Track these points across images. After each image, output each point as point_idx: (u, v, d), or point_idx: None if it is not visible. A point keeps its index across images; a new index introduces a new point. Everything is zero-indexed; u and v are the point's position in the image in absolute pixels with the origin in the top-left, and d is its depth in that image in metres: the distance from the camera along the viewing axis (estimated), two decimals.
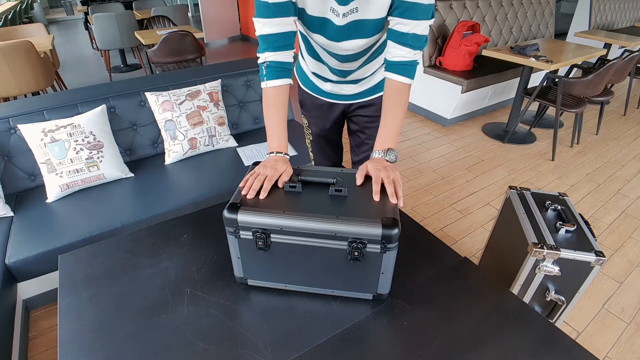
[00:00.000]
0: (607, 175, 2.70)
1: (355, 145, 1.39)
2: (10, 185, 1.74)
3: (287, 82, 0.98)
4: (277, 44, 0.94)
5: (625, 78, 3.02)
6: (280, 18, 0.91)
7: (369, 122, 1.30)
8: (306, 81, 1.29)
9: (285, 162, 0.91)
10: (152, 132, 2.02)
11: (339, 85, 1.21)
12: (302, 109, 1.38)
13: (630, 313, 1.66)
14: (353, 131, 1.37)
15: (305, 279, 0.86)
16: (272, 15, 0.91)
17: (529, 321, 0.81)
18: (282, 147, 0.95)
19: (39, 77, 3.04)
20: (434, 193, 2.48)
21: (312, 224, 0.76)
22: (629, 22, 5.05)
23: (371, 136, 1.31)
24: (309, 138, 1.44)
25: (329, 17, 0.96)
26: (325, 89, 1.24)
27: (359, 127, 1.33)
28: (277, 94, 0.97)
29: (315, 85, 1.26)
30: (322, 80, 1.22)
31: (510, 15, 3.74)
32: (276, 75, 0.96)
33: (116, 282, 0.92)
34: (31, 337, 1.53)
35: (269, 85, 0.97)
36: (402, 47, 0.93)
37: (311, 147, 1.46)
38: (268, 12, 0.90)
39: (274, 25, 0.92)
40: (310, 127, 1.39)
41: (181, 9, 4.88)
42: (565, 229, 1.22)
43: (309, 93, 1.30)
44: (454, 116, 3.37)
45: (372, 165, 0.87)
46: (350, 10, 0.93)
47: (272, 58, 0.96)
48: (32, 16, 8.19)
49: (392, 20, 0.92)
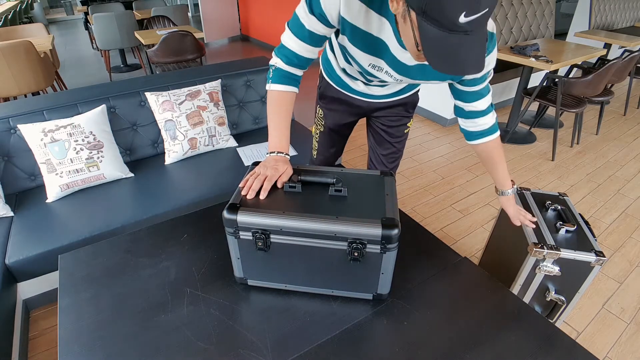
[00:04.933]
0: (607, 175, 2.70)
1: (377, 143, 1.37)
2: (10, 185, 1.74)
3: (291, 90, 0.99)
4: (293, 60, 0.96)
5: (625, 78, 3.02)
6: (308, 45, 0.93)
7: (394, 121, 1.29)
8: (332, 74, 1.25)
9: (286, 162, 0.91)
10: (152, 132, 2.02)
11: (367, 86, 1.20)
12: (321, 100, 1.34)
13: (630, 313, 1.66)
14: (375, 129, 1.35)
15: (305, 279, 0.86)
16: (303, 39, 0.92)
17: (529, 321, 0.81)
18: (283, 147, 0.95)
19: (39, 77, 3.04)
20: (434, 193, 2.48)
21: (311, 224, 0.76)
22: (629, 22, 5.05)
23: (394, 135, 1.32)
24: (319, 129, 1.40)
25: (373, 72, 1.01)
26: (353, 86, 1.22)
27: (384, 126, 1.31)
28: (281, 97, 0.98)
29: (343, 81, 1.23)
30: (351, 79, 1.20)
31: (510, 15, 3.74)
32: (281, 81, 0.97)
33: (116, 282, 0.92)
34: (31, 337, 1.53)
35: (272, 88, 0.98)
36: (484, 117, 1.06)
37: (318, 137, 1.42)
38: (301, 33, 0.91)
39: (299, 46, 0.94)
40: (325, 119, 1.35)
41: (181, 9, 4.87)
42: (565, 229, 1.22)
43: (334, 87, 1.26)
44: (454, 116, 3.36)
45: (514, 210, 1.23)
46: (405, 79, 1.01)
47: (282, 67, 0.97)
48: (32, 16, 8.19)
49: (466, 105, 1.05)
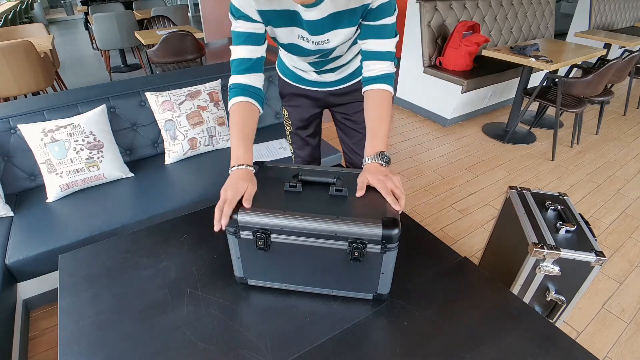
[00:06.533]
0: (607, 175, 2.70)
1: (344, 133, 1.41)
2: (10, 185, 1.74)
3: (250, 101, 0.96)
4: (244, 66, 0.97)
5: (625, 78, 3.02)
6: (250, 46, 0.96)
7: (354, 108, 1.32)
8: (286, 71, 1.31)
9: (247, 177, 0.84)
10: (152, 132, 2.02)
11: (319, 74, 1.24)
12: (282, 100, 1.40)
13: (630, 313, 1.66)
14: (339, 120, 1.39)
15: (305, 279, 0.86)
16: (243, 43, 0.96)
17: (529, 321, 0.81)
18: (245, 159, 0.88)
19: (39, 77, 3.04)
20: (434, 193, 2.48)
21: (312, 224, 0.76)
22: (629, 22, 5.05)
23: (357, 122, 1.34)
24: (289, 129, 1.45)
25: (298, 43, 1.02)
26: (306, 77, 1.27)
27: (345, 114, 1.35)
28: (239, 109, 0.95)
29: (296, 75, 1.28)
30: (302, 71, 1.26)
31: (510, 15, 3.74)
32: (238, 94, 0.96)
33: (116, 282, 0.92)
34: (31, 337, 1.53)
35: (231, 103, 0.96)
36: (382, 62, 0.99)
37: (291, 139, 1.47)
38: (240, 39, 0.96)
39: (243, 50, 0.97)
40: (291, 118, 1.40)
41: (181, 9, 4.88)
42: (565, 229, 1.22)
43: (290, 83, 1.32)
44: (454, 116, 3.37)
45: (372, 177, 0.83)
46: (322, 41, 1.00)
47: (236, 81, 0.97)
48: (32, 16, 8.19)
49: (366, 42, 0.98)
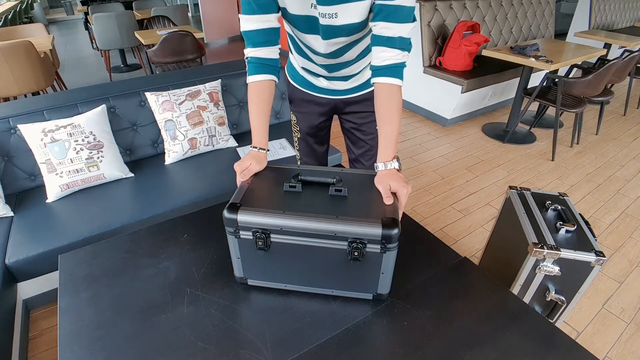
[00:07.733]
0: (607, 175, 2.70)
1: (352, 142, 1.39)
2: (10, 185, 1.74)
3: (267, 78, 0.99)
4: (257, 39, 0.96)
5: (625, 78, 3.02)
6: (261, 15, 0.93)
7: (364, 118, 1.29)
8: (296, 76, 1.28)
9: (257, 158, 0.94)
10: (152, 132, 2.02)
11: (330, 81, 1.21)
12: (291, 105, 1.37)
13: (630, 313, 1.66)
14: (348, 129, 1.37)
15: (305, 279, 0.86)
16: (254, 12, 0.93)
17: (529, 321, 0.81)
18: (259, 142, 0.97)
19: (39, 77, 3.04)
20: (434, 193, 2.48)
21: (312, 224, 0.76)
22: (629, 22, 5.05)
23: (366, 132, 1.32)
24: (296, 135, 1.43)
25: (312, 14, 0.95)
26: (316, 83, 1.24)
27: (354, 124, 1.32)
28: (257, 89, 0.99)
29: (306, 80, 1.26)
30: (312, 76, 1.22)
31: (510, 15, 3.74)
32: (256, 71, 0.98)
33: (116, 282, 0.92)
34: (31, 337, 1.53)
35: (250, 80, 0.99)
36: (391, 49, 0.91)
37: (298, 144, 1.45)
38: (250, 9, 0.93)
39: (255, 22, 0.94)
40: (299, 124, 1.38)
41: (181, 9, 4.88)
42: (565, 229, 1.22)
43: (299, 88, 1.29)
44: (454, 116, 3.37)
45: (395, 184, 0.86)
46: (330, 14, 0.93)
47: (253, 54, 0.98)
48: (32, 16, 8.19)
49: (377, 25, 0.90)
